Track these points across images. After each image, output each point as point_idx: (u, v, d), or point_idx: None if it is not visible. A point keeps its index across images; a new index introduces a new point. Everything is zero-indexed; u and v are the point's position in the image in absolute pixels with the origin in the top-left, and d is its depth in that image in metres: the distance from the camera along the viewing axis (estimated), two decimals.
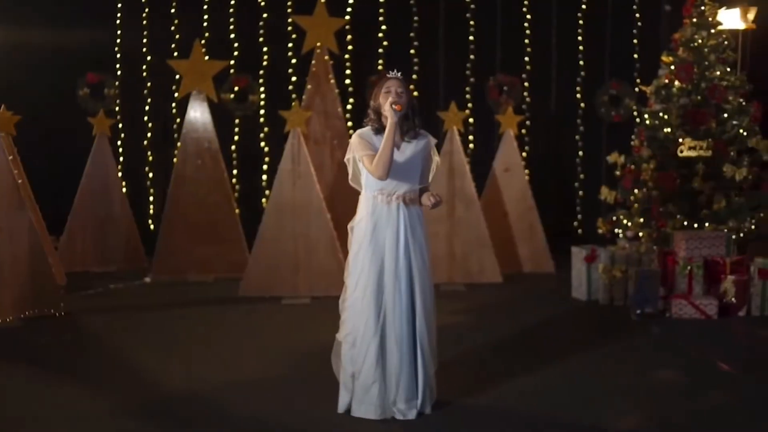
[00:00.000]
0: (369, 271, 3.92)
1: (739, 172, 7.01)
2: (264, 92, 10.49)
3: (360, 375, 3.95)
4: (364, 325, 3.93)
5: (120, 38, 10.36)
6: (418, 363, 3.95)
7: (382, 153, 3.84)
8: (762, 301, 6.51)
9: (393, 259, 3.91)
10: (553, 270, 8.76)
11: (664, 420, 4.05)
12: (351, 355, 3.99)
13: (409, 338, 3.92)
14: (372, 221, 3.94)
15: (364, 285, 3.93)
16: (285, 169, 7.47)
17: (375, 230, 3.93)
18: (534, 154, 10.52)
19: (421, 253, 3.97)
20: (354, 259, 4.00)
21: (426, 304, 3.98)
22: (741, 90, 7.43)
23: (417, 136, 4.02)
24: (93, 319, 6.50)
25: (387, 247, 3.91)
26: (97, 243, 8.95)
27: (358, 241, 3.99)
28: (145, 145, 10.53)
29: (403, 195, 3.95)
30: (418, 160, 4.00)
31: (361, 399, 3.97)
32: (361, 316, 3.94)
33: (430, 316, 4.01)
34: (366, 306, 3.93)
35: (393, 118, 3.83)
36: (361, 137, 3.98)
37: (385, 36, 10.50)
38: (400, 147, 3.96)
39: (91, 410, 4.21)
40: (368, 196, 4.00)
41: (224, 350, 5.51)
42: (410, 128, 3.99)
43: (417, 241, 3.96)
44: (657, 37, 10.19)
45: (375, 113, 3.99)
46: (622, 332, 6.01)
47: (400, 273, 3.91)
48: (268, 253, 7.42)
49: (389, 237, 3.92)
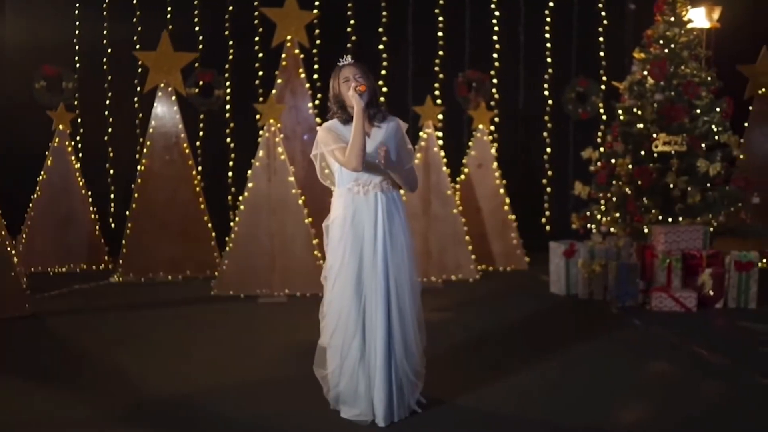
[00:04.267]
0: (348, 265, 3.69)
1: (712, 167, 7.10)
2: (230, 87, 10.25)
3: (343, 377, 3.77)
4: (345, 325, 3.71)
5: (78, 29, 9.99)
6: (392, 362, 3.71)
7: (353, 143, 3.61)
8: (738, 293, 6.61)
9: (371, 252, 3.69)
10: (527, 266, 8.77)
11: (662, 413, 4.03)
12: (333, 356, 3.79)
13: (385, 334, 3.68)
14: (349, 215, 3.72)
15: (343, 282, 3.71)
16: (259, 164, 7.28)
17: (353, 223, 3.71)
18: (503, 150, 10.55)
19: (399, 247, 3.74)
20: (332, 258, 3.77)
21: (402, 300, 3.74)
22: (712, 86, 7.54)
23: (384, 119, 3.81)
24: (60, 321, 6.21)
25: (365, 239, 3.69)
26: (58, 242, 8.61)
27: (335, 238, 3.76)
28: (106, 141, 10.19)
29: (380, 183, 3.75)
30: (391, 144, 3.75)
31: (346, 401, 3.81)
32: (341, 315, 3.72)
33: (407, 312, 3.77)
34: (346, 304, 3.71)
35: (359, 104, 3.61)
36: (328, 130, 3.74)
37: (354, 31, 10.37)
38: (371, 133, 3.74)
39: (72, 417, 3.96)
40: (342, 191, 3.77)
41: (204, 352, 5.30)
42: (377, 112, 3.78)
43: (395, 234, 3.74)
44: (622, 34, 10.32)
45: (337, 104, 3.78)
46: (605, 326, 6.01)
47: (378, 267, 3.69)
48: (243, 250, 7.23)
49: (367, 228, 3.70)
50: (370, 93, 3.73)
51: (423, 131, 8.22)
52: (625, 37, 10.19)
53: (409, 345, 3.81)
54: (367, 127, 3.74)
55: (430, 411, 3.94)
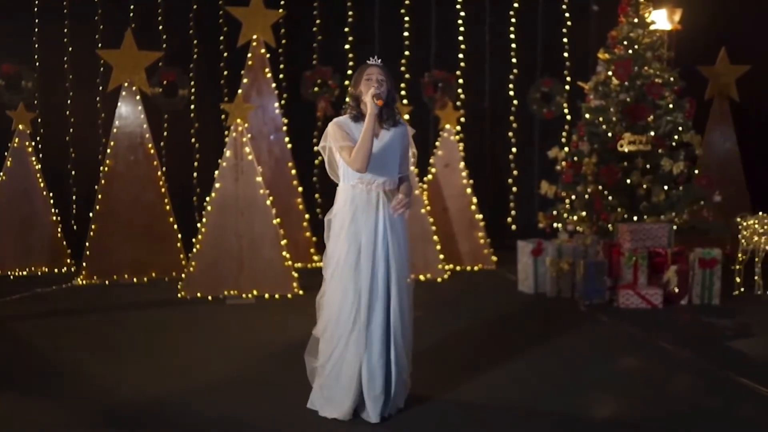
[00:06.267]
0: (346, 261, 3.74)
1: (676, 166, 7.22)
2: (195, 86, 10.13)
3: (332, 370, 3.78)
4: (341, 318, 3.76)
5: (38, 26, 9.78)
6: (390, 359, 3.79)
7: (361, 145, 3.67)
8: (702, 290, 6.74)
9: (371, 251, 3.74)
10: (494, 265, 8.82)
11: (636, 407, 4.08)
12: (326, 349, 3.82)
13: (384, 333, 3.77)
14: (351, 211, 3.77)
15: (340, 277, 3.77)
16: (227, 164, 7.20)
17: (353, 220, 3.76)
18: (469, 150, 10.59)
19: (399, 247, 3.80)
20: (332, 251, 3.83)
21: (401, 299, 3.80)
22: (674, 86, 7.67)
23: (396, 124, 3.87)
24: (22, 325, 6.05)
25: (364, 237, 3.74)
26: (18, 244, 8.43)
27: (336, 232, 3.82)
28: (68, 141, 9.98)
29: (382, 185, 3.79)
30: (397, 149, 3.83)
31: (332, 396, 3.80)
32: (338, 308, 3.77)
33: (405, 311, 3.83)
34: (342, 298, 3.76)
35: (373, 109, 3.67)
36: (338, 126, 3.80)
37: (320, 30, 10.33)
38: (379, 135, 3.81)
39: (36, 423, 3.85)
40: (346, 186, 3.83)
41: (172, 355, 5.21)
42: (390, 116, 3.84)
43: (396, 234, 3.80)
44: (587, 35, 10.44)
45: (354, 100, 3.84)
46: (573, 323, 6.07)
47: (377, 265, 3.74)
48: (210, 251, 7.14)
49: (367, 227, 3.75)
50: (387, 97, 3.77)
51: None
52: (589, 37, 10.32)
53: (406, 344, 3.88)
54: (377, 128, 3.77)
55: (414, 408, 3.95)
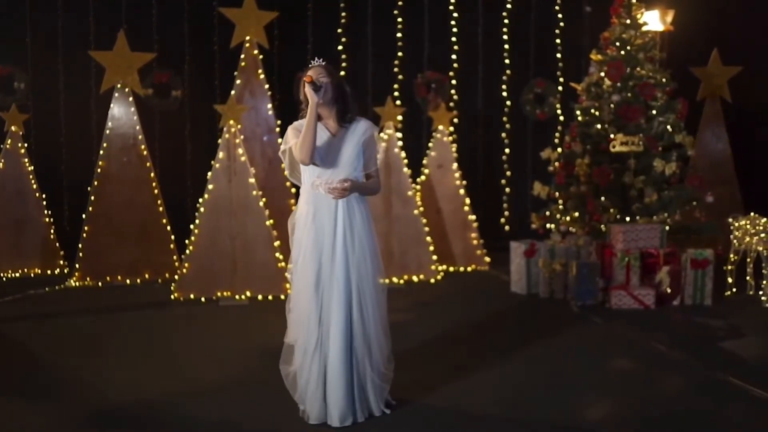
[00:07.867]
0: (308, 263, 3.70)
1: (668, 167, 7.25)
2: (188, 87, 10.11)
3: (302, 374, 3.75)
4: (306, 322, 3.72)
5: (30, 27, 9.75)
6: (353, 368, 3.71)
7: (302, 136, 3.64)
8: (694, 291, 6.76)
9: (330, 252, 3.70)
10: (487, 266, 8.84)
11: (628, 407, 4.10)
12: (296, 354, 3.78)
13: (343, 337, 3.68)
14: (311, 210, 3.74)
15: (303, 280, 3.73)
16: (220, 165, 7.20)
17: (314, 220, 3.73)
18: (462, 151, 10.61)
19: (361, 246, 3.74)
20: (295, 254, 3.79)
21: (365, 301, 3.73)
22: (667, 87, 7.70)
23: (353, 121, 3.82)
24: (15, 327, 6.05)
25: (326, 237, 3.71)
26: (11, 246, 8.41)
27: (298, 234, 3.78)
28: (61, 143, 9.96)
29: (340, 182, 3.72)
30: (357, 146, 3.77)
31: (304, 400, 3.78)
32: (301, 312, 3.74)
33: (370, 314, 3.75)
34: (305, 302, 3.72)
35: (313, 99, 3.64)
36: (293, 128, 3.78)
37: (313, 31, 10.33)
38: (337, 133, 3.78)
39: (40, 425, 3.85)
40: (306, 187, 3.79)
41: (166, 356, 5.22)
42: (345, 113, 3.79)
43: (356, 233, 3.73)
44: (579, 36, 10.47)
45: (305, 102, 3.78)
46: (566, 324, 6.09)
47: (337, 266, 3.69)
48: (204, 252, 7.14)
49: (327, 227, 3.71)
50: (335, 91, 3.74)
51: (384, 132, 8.23)
52: (581, 39, 10.34)
53: (372, 347, 3.80)
54: (334, 127, 3.77)
55: (397, 412, 3.93)
